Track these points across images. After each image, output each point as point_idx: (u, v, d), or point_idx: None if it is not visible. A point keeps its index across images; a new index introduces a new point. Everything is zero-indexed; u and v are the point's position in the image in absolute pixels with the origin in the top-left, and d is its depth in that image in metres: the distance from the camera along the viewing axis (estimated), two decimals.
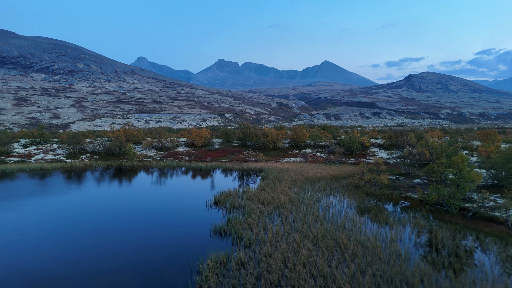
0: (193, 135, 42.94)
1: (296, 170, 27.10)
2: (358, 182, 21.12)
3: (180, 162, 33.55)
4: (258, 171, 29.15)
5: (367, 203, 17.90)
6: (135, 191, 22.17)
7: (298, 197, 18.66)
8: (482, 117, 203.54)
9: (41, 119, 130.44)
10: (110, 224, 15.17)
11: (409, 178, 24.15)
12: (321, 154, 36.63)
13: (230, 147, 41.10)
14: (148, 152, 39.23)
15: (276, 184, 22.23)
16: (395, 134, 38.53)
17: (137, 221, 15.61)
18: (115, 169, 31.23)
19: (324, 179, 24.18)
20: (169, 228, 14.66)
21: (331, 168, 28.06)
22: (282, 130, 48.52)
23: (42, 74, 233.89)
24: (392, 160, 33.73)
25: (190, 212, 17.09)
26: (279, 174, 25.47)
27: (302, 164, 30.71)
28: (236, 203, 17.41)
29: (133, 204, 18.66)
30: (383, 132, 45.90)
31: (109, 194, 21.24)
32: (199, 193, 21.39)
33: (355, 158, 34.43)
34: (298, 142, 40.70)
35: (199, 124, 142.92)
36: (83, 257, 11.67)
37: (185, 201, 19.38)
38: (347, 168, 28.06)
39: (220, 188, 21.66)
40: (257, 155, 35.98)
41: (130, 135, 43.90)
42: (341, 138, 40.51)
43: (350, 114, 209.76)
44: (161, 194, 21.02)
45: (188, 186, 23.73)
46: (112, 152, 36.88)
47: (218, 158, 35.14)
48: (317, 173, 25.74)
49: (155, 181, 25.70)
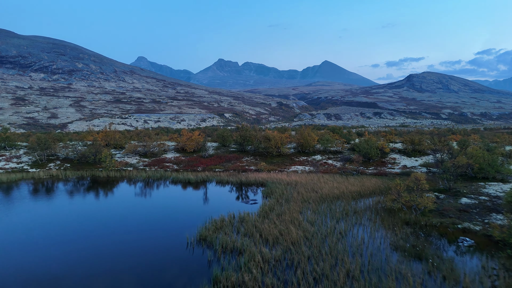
0: (183, 139, 36.97)
1: (307, 184, 21.91)
2: (392, 205, 16.00)
3: (165, 172, 28.19)
4: (259, 184, 23.88)
5: (413, 239, 12.77)
6: (94, 217, 16.54)
7: (315, 229, 13.54)
8: (484, 117, 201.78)
9: (39, 119, 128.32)
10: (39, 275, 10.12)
11: (451, 196, 19.03)
12: (334, 162, 31.23)
13: (226, 153, 35.68)
14: (130, 159, 33.72)
15: (284, 205, 17.11)
16: (418, 138, 33.14)
17: (77, 274, 10.48)
18: (85, 181, 25.89)
19: (344, 197, 19.03)
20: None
21: (349, 181, 22.84)
22: (286, 132, 42.72)
23: (41, 74, 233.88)
24: (415, 168, 28.58)
25: (161, 256, 11.62)
26: (286, 191, 20.25)
27: (313, 175, 25.46)
28: (230, 242, 12.21)
29: (83, 241, 13.03)
30: (402, 135, 40.76)
31: (51, 223, 15.69)
32: (180, 221, 15.93)
33: (373, 166, 29.12)
34: (305, 147, 35.18)
35: (198, 124, 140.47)
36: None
37: (158, 235, 13.76)
38: (368, 181, 22.84)
39: (209, 213, 16.49)
40: (258, 164, 30.64)
41: (111, 139, 38.07)
42: (355, 143, 35.15)
43: (351, 114, 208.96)
44: (128, 223, 15.33)
45: (168, 209, 18.32)
46: (87, 160, 31.62)
47: (212, 167, 29.79)
48: (333, 189, 20.58)
49: (127, 200, 20.38)
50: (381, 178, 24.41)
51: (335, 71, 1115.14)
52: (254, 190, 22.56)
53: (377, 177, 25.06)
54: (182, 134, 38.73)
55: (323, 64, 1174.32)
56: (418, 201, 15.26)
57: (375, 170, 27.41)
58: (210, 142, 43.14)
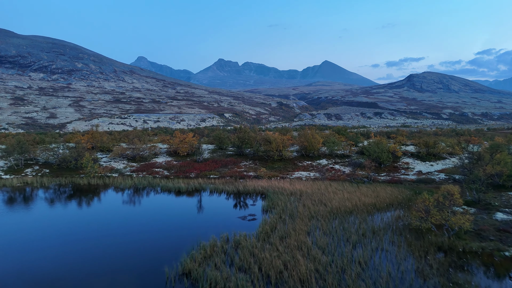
0: (175, 141, 33.57)
1: (313, 194, 19.24)
2: (419, 224, 13.28)
3: (154, 179, 25.25)
4: (259, 194, 21.27)
5: (453, 273, 10.06)
6: (52, 242, 13.50)
7: (328, 259, 10.81)
8: (485, 117, 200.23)
9: (38, 119, 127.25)
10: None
11: (482, 210, 16.30)
12: (341, 167, 28.48)
13: (223, 157, 32.73)
14: (117, 163, 30.81)
15: (288, 223, 14.40)
16: (432, 141, 30.26)
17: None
18: (61, 191, 22.96)
19: (358, 212, 16.33)
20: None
21: (361, 191, 20.11)
22: (288, 134, 39.71)
23: (40, 74, 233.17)
24: (431, 174, 25.85)
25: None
26: (289, 203, 17.54)
27: (319, 183, 22.63)
28: (220, 279, 9.42)
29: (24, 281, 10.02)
30: (413, 137, 37.85)
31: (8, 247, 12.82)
32: (161, 246, 12.86)
33: (386, 172, 26.33)
34: (309, 150, 32.17)
35: (198, 124, 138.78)
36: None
37: (130, 268, 10.84)
38: (383, 191, 20.14)
39: (198, 233, 13.67)
40: (258, 169, 27.84)
41: (98, 141, 34.86)
42: (364, 146, 32.36)
43: (352, 114, 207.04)
44: (94, 251, 12.46)
45: (148, 230, 15.00)
46: (68, 165, 28.50)
47: (206, 173, 26.87)
48: (344, 200, 17.92)
49: (102, 216, 17.38)
50: (396, 187, 21.74)
51: (335, 71, 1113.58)
52: (253, 202, 19.91)
53: (391, 185, 22.34)
54: (175, 136, 35.29)
55: (323, 64, 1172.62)
56: (452, 220, 12.53)
57: (388, 177, 24.61)
58: (206, 144, 40.03)
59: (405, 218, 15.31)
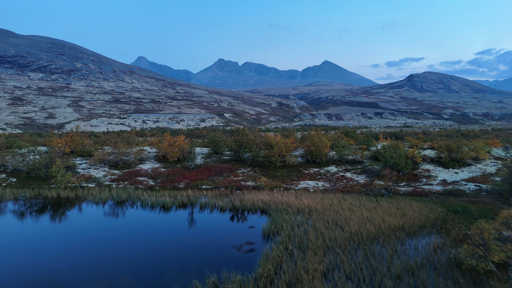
0: (164, 145, 29.53)
1: (325, 212, 15.78)
2: (475, 263, 9.87)
3: (136, 190, 21.50)
4: (258, 210, 17.83)
5: None
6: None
7: None
8: (486, 117, 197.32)
9: (36, 119, 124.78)
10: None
11: None
12: (353, 175, 24.85)
13: (218, 163, 29.12)
14: (96, 170, 26.98)
15: (296, 257, 11.03)
16: (456, 145, 26.66)
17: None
18: (22, 205, 19.30)
19: (384, 238, 12.89)
20: None
21: (381, 207, 16.66)
22: (291, 136, 35.02)
23: (39, 74, 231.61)
24: (458, 184, 22.46)
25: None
26: (296, 227, 14.06)
27: (330, 196, 19.10)
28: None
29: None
30: (430, 139, 34.06)
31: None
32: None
33: (405, 182, 22.83)
34: (316, 155, 28.32)
35: (197, 125, 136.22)
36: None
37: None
38: (408, 207, 16.70)
39: (176, 276, 10.24)
40: (257, 178, 24.27)
41: (78, 144, 30.78)
42: (377, 150, 28.62)
43: (352, 114, 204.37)
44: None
45: (112, 267, 11.40)
46: (38, 173, 24.64)
47: (198, 183, 23.20)
48: (363, 221, 14.50)
49: (57, 243, 13.66)
50: (422, 201, 18.23)
51: (335, 71, 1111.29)
52: (251, 222, 16.37)
53: (416, 199, 18.76)
54: (164, 138, 31.25)
55: (323, 64, 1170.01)
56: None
57: (409, 188, 20.96)
58: (200, 147, 36.05)
59: (445, 248, 11.96)
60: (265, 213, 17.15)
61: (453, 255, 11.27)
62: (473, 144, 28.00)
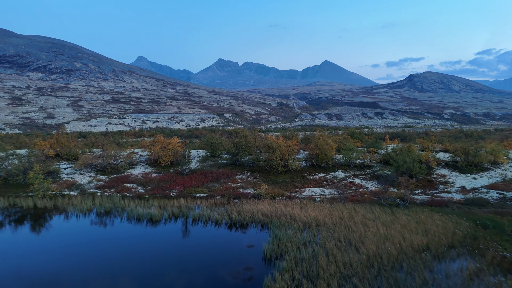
0: (156, 148, 27.36)
1: (335, 228, 13.92)
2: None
3: (123, 199, 19.52)
4: (258, 224, 15.83)
5: None
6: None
7: None
8: (487, 118, 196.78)
9: (35, 119, 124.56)
10: None
11: None
12: (363, 181, 22.94)
13: (214, 167, 27.07)
14: (82, 176, 24.64)
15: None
16: (473, 148, 24.53)
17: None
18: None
19: (408, 262, 11.02)
20: None
21: (398, 220, 14.73)
22: (294, 138, 32.89)
23: (39, 73, 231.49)
24: (478, 191, 20.43)
25: None
26: (303, 246, 12.22)
27: (339, 206, 17.30)
28: None
29: None
30: (446, 142, 31.57)
31: None
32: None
33: (420, 189, 20.82)
34: (321, 160, 26.30)
35: (197, 125, 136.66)
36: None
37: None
38: (430, 220, 14.80)
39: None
40: (258, 184, 22.37)
41: (64, 147, 28.59)
42: (388, 153, 26.60)
43: (352, 114, 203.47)
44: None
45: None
46: (16, 180, 22.72)
47: (192, 190, 21.31)
48: (381, 239, 12.62)
49: (12, 266, 11.68)
50: (443, 212, 16.30)
51: (335, 71, 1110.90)
52: (250, 240, 14.37)
53: (435, 209, 16.83)
54: (156, 141, 28.94)
55: (323, 64, 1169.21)
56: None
57: (426, 196, 19.00)
58: (197, 149, 33.93)
59: (482, 275, 9.95)
60: (267, 227, 15.25)
61: (494, 286, 9.26)
62: (490, 147, 25.93)
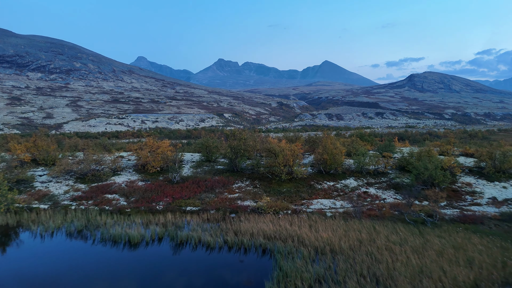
0: (144, 153, 24.23)
1: (355, 256, 11.07)
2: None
3: (100, 213, 16.60)
4: (259, 248, 12.90)
5: None
6: None
7: None
8: (488, 118, 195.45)
9: (34, 119, 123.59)
10: None
11: None
12: (378, 192, 20.00)
13: (209, 174, 24.08)
14: (58, 184, 21.83)
15: None
16: (501, 153, 21.68)
17: None
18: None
19: None
20: None
21: (431, 244, 11.92)
22: (298, 141, 29.41)
23: (38, 73, 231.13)
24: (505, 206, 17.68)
25: None
26: (316, 285, 9.45)
27: (355, 223, 14.39)
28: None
29: None
30: (466, 145, 28.42)
31: None
32: None
33: (446, 200, 18.00)
34: (330, 166, 23.32)
35: (197, 125, 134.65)
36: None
37: None
38: (468, 245, 12.00)
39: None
40: (258, 195, 19.43)
41: (42, 152, 25.37)
42: (405, 158, 23.54)
43: (353, 114, 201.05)
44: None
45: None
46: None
47: (182, 202, 18.43)
48: (414, 272, 9.84)
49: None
50: (480, 232, 13.41)
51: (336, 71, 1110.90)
52: (249, 273, 11.48)
53: (469, 227, 13.96)
54: (146, 144, 25.90)
55: (323, 64, 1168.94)
56: None
57: (455, 210, 16.19)
58: (191, 152, 31.22)
59: None
60: (269, 253, 12.35)
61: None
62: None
